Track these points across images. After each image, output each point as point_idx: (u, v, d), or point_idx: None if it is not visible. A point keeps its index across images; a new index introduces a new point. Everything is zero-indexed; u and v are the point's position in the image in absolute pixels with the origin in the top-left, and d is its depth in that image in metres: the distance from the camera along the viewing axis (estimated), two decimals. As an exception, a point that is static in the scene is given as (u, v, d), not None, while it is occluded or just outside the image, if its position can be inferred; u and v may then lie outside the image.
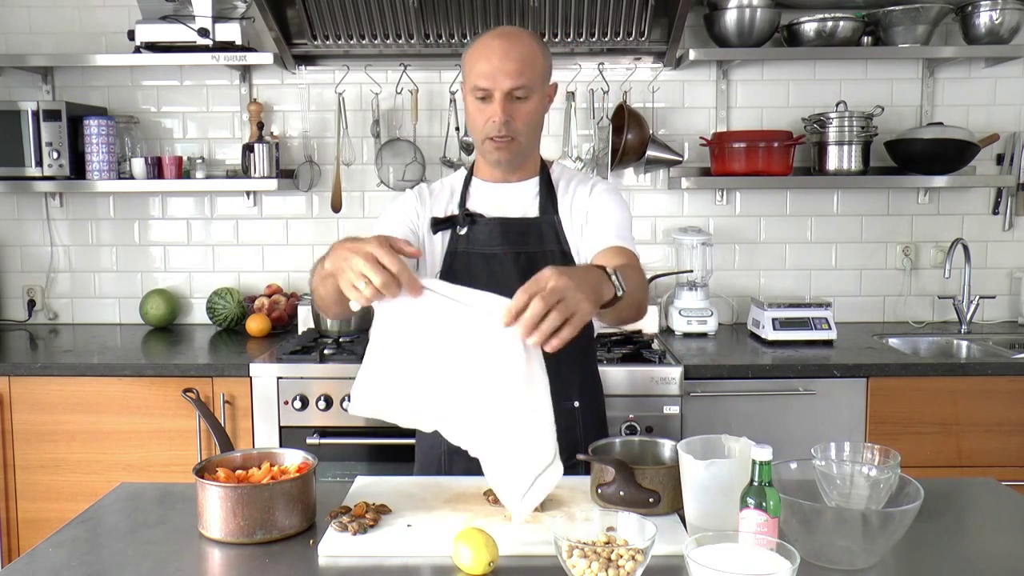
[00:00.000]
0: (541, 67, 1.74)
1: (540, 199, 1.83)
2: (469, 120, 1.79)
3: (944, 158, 2.95)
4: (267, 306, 3.11)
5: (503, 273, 1.76)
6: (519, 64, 1.69)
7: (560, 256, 1.79)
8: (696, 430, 2.43)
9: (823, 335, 2.85)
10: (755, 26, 2.91)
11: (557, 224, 1.81)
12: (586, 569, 1.16)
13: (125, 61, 3.00)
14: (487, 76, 1.69)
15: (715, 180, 3.08)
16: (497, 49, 1.69)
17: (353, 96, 3.17)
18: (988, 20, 2.92)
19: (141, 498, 1.58)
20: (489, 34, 1.73)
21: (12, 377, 2.62)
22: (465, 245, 1.79)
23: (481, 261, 1.78)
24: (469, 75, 1.74)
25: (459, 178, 1.89)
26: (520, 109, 1.72)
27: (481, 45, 1.72)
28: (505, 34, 1.72)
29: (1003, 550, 1.39)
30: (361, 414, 1.42)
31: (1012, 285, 3.24)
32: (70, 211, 3.28)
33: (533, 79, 1.71)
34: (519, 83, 1.69)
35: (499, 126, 1.71)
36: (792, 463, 1.43)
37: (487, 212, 1.81)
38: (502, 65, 1.68)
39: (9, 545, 2.67)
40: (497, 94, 1.69)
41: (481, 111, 1.73)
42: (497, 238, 1.79)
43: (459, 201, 1.83)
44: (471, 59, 1.73)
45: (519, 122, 1.73)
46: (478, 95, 1.72)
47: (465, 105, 1.79)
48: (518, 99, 1.71)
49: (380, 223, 1.82)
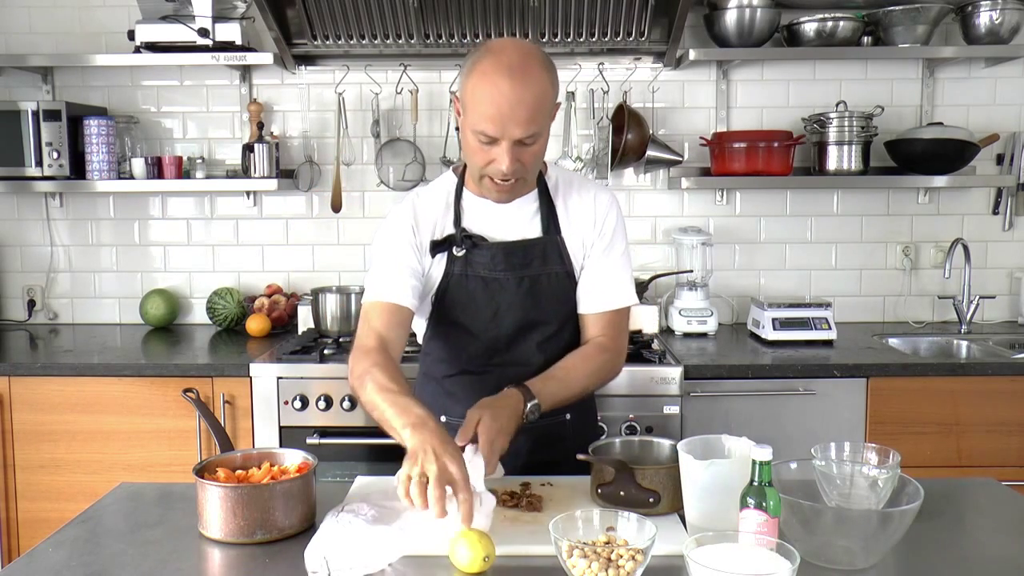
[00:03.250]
0: (551, 102, 1.60)
1: (541, 216, 1.74)
2: (466, 150, 1.64)
3: (944, 158, 2.95)
4: (267, 306, 3.11)
5: (504, 297, 1.72)
6: (531, 111, 1.54)
7: (564, 276, 1.74)
8: (696, 430, 2.43)
9: (823, 335, 2.85)
10: (755, 26, 2.91)
11: (560, 244, 1.73)
12: (586, 569, 1.16)
13: (125, 61, 3.00)
14: (494, 123, 1.54)
15: (715, 180, 3.08)
16: (507, 93, 1.52)
17: (353, 96, 3.17)
18: (988, 20, 2.92)
19: (141, 498, 1.58)
20: (496, 68, 1.54)
21: (12, 377, 2.62)
22: (463, 267, 1.71)
23: (480, 285, 1.71)
24: (472, 112, 1.57)
25: (450, 187, 1.77)
26: (527, 152, 1.59)
27: (488, 84, 1.54)
28: (515, 72, 1.53)
29: (1003, 550, 1.39)
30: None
31: (1012, 285, 3.24)
32: (70, 211, 3.28)
33: (543, 121, 1.58)
34: (529, 131, 1.55)
35: (505, 173, 1.59)
36: (792, 463, 1.43)
37: (484, 230, 1.72)
38: (513, 113, 1.53)
39: (9, 545, 2.67)
40: (504, 143, 1.56)
41: (483, 152, 1.59)
42: (500, 263, 1.71)
43: (453, 218, 1.73)
44: (476, 95, 1.55)
45: (526, 164, 1.61)
46: (482, 139, 1.57)
47: (463, 134, 1.64)
48: (526, 144, 1.58)
49: (385, 258, 1.71)
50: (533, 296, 1.73)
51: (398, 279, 1.68)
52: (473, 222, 1.73)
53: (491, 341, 1.75)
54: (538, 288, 1.73)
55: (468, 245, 1.70)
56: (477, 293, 1.72)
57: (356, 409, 2.53)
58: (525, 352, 1.75)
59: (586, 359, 1.73)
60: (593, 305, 1.76)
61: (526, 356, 1.75)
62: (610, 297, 1.76)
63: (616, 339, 1.76)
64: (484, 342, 1.75)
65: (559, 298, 1.75)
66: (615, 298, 1.76)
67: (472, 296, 1.72)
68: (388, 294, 1.68)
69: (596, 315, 1.76)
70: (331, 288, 3.02)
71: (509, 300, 1.72)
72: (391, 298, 1.67)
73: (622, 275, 1.77)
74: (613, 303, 1.76)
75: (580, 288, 1.76)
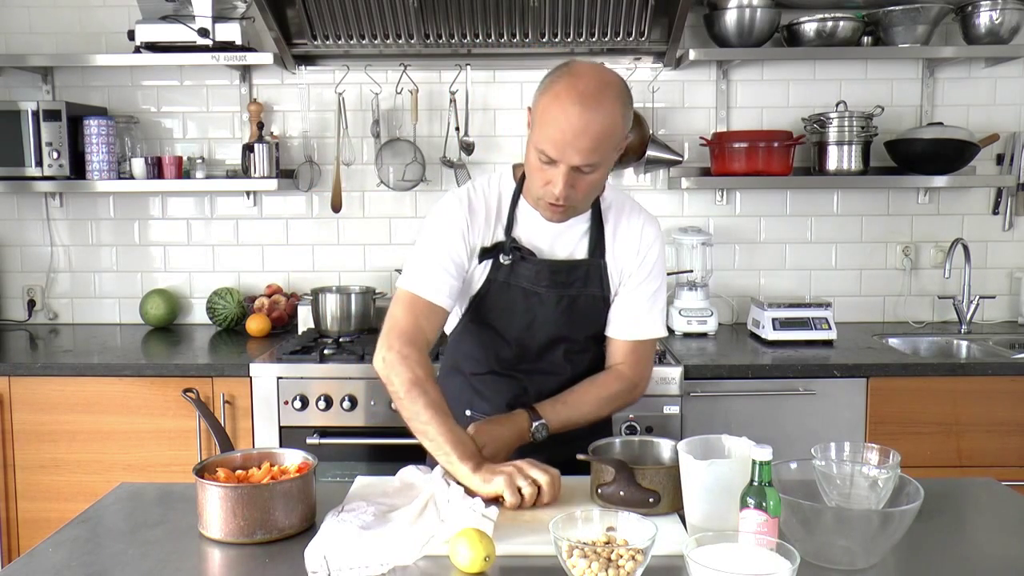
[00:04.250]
0: (620, 135, 1.58)
1: (590, 238, 1.75)
2: (527, 165, 1.65)
3: (944, 158, 2.95)
4: (267, 306, 3.11)
5: (542, 311, 1.74)
6: (594, 142, 1.53)
7: (600, 299, 1.76)
8: (696, 430, 2.43)
9: (823, 335, 2.85)
10: (755, 26, 2.91)
11: (603, 269, 1.75)
12: (586, 569, 1.16)
13: (125, 61, 3.00)
14: (556, 145, 1.54)
15: (715, 180, 3.08)
16: (574, 120, 1.51)
17: (353, 96, 3.17)
18: (988, 20, 2.92)
19: (141, 498, 1.58)
20: (569, 92, 1.53)
21: (12, 377, 2.62)
22: (506, 276, 1.72)
23: (520, 295, 1.73)
24: (539, 130, 1.57)
25: (506, 190, 1.75)
26: (584, 180, 1.59)
27: (557, 106, 1.53)
28: (587, 100, 1.51)
29: (1003, 550, 1.39)
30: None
31: (1012, 285, 3.24)
32: (70, 211, 3.28)
33: (607, 153, 1.57)
34: (589, 161, 1.55)
35: (557, 197, 1.59)
36: (792, 463, 1.43)
37: (533, 242, 1.72)
38: (576, 140, 1.52)
39: (9, 545, 2.67)
40: (563, 166, 1.56)
41: (541, 171, 1.59)
42: (544, 279, 1.72)
43: (505, 225, 1.72)
44: (545, 115, 1.55)
45: (580, 192, 1.60)
46: (542, 158, 1.57)
47: (527, 148, 1.63)
48: (584, 172, 1.57)
49: (433, 248, 1.70)
50: (569, 314, 1.75)
51: (441, 277, 1.69)
52: (523, 232, 1.74)
53: (522, 348, 1.77)
54: (575, 307, 1.75)
55: (516, 257, 1.71)
56: (516, 302, 1.74)
57: (356, 409, 2.54)
58: (554, 362, 1.78)
59: (599, 386, 1.77)
60: (620, 332, 1.79)
61: (554, 366, 1.78)
62: (638, 328, 1.78)
63: (635, 367, 1.79)
64: (515, 348, 1.77)
65: (592, 319, 1.78)
66: (642, 329, 1.78)
67: (510, 304, 1.74)
68: (429, 291, 1.68)
69: (621, 342, 1.79)
70: (331, 288, 3.02)
71: (546, 314, 1.74)
72: (431, 296, 1.69)
73: (654, 308, 1.79)
74: (638, 334, 1.78)
75: (611, 313, 1.79)
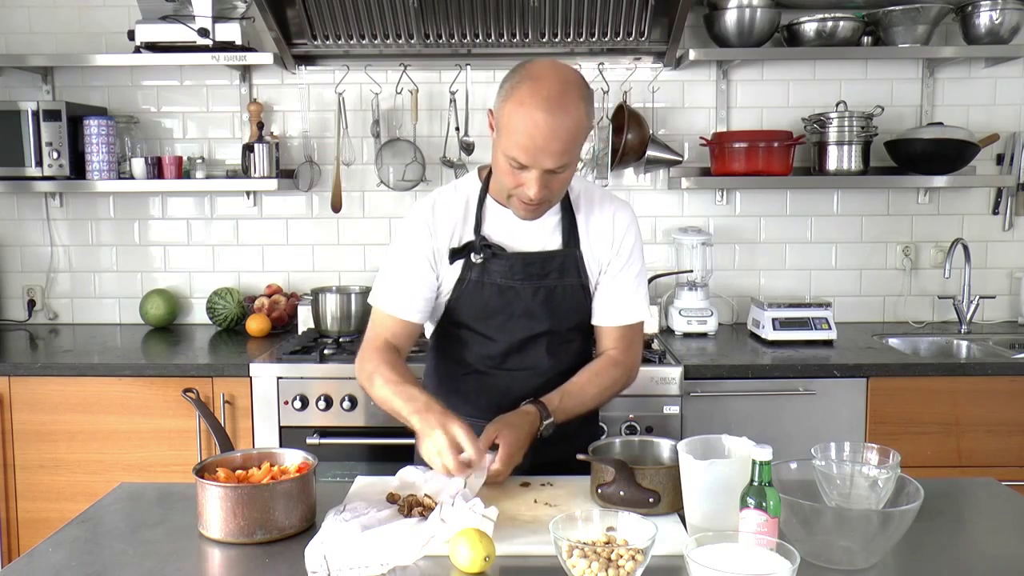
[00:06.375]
0: (586, 131, 1.59)
1: (562, 229, 1.75)
2: (496, 169, 1.65)
3: (944, 158, 2.94)
4: (267, 306, 3.11)
5: (519, 304, 1.74)
6: (564, 145, 1.54)
7: (579, 289, 1.76)
8: (696, 430, 2.43)
9: (823, 335, 2.85)
10: (755, 26, 2.91)
11: (579, 257, 1.75)
12: (586, 569, 1.16)
13: (125, 61, 3.00)
14: (527, 152, 1.54)
15: (715, 180, 3.08)
16: (542, 127, 1.51)
17: (353, 96, 3.17)
18: (988, 20, 2.92)
19: (141, 498, 1.58)
20: (533, 98, 1.52)
21: (12, 377, 2.62)
22: (479, 274, 1.72)
23: (495, 291, 1.73)
24: (506, 137, 1.56)
25: (472, 191, 1.76)
26: (557, 179, 1.60)
27: (523, 114, 1.52)
28: (552, 105, 1.51)
29: (1003, 550, 1.39)
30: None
31: (1012, 285, 3.24)
32: (70, 211, 3.28)
33: (576, 151, 1.59)
34: (561, 163, 1.56)
35: (532, 199, 1.60)
36: (792, 463, 1.43)
37: (504, 239, 1.72)
38: (547, 146, 1.53)
39: (9, 545, 2.67)
40: (535, 171, 1.56)
41: (512, 175, 1.60)
42: (518, 272, 1.72)
43: (474, 225, 1.73)
44: (511, 122, 1.54)
45: (554, 190, 1.63)
46: (513, 164, 1.57)
47: (495, 153, 1.63)
48: (556, 172, 1.58)
49: (399, 266, 1.73)
50: (548, 306, 1.75)
51: (409, 294, 1.72)
52: (493, 230, 1.74)
53: (502, 345, 1.77)
54: (553, 298, 1.75)
55: (487, 254, 1.72)
56: (492, 299, 1.73)
57: (356, 409, 2.54)
58: (536, 357, 1.78)
59: (599, 374, 1.77)
60: (607, 319, 1.80)
61: (536, 360, 1.78)
62: (624, 313, 1.80)
63: (627, 352, 1.80)
64: (495, 345, 1.77)
65: (573, 309, 1.78)
66: (628, 314, 1.80)
67: (486, 302, 1.74)
68: (398, 309, 1.73)
69: (609, 328, 1.80)
70: (331, 288, 3.02)
71: (523, 308, 1.74)
72: (400, 314, 1.73)
73: (637, 292, 1.80)
74: (626, 319, 1.80)
75: (595, 302, 1.80)
